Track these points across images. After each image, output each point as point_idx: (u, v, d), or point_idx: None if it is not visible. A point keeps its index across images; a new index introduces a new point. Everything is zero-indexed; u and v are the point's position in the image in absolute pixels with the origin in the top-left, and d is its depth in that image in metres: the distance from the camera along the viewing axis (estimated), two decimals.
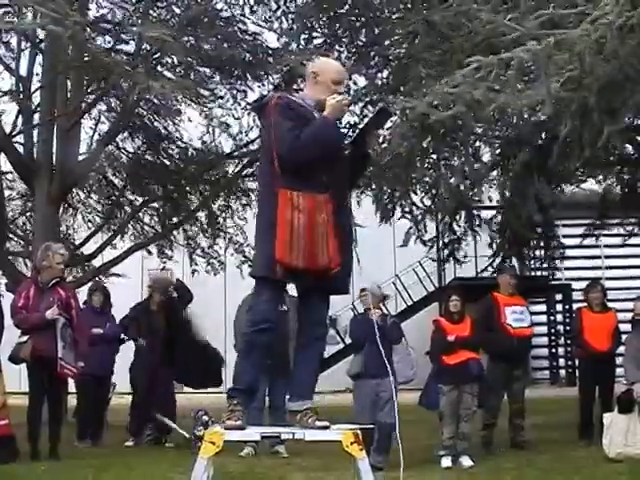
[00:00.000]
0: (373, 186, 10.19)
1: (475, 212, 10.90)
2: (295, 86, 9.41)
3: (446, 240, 11.37)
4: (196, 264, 14.74)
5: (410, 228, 10.29)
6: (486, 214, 11.44)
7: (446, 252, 11.90)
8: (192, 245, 14.65)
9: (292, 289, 3.98)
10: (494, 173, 9.80)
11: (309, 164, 3.60)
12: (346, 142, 3.85)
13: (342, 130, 3.75)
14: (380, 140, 3.95)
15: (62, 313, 7.41)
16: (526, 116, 7.28)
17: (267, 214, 3.65)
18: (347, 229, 3.82)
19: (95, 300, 9.22)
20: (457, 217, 11.20)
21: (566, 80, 5.71)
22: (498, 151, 9.36)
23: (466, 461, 7.17)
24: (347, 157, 3.81)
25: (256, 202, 10.19)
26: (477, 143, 8.58)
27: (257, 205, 3.86)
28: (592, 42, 5.39)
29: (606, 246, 14.06)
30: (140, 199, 14.15)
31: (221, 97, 12.28)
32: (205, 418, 8.25)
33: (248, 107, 11.95)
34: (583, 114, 6.26)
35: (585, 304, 8.84)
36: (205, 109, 11.58)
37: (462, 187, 8.79)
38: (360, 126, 3.84)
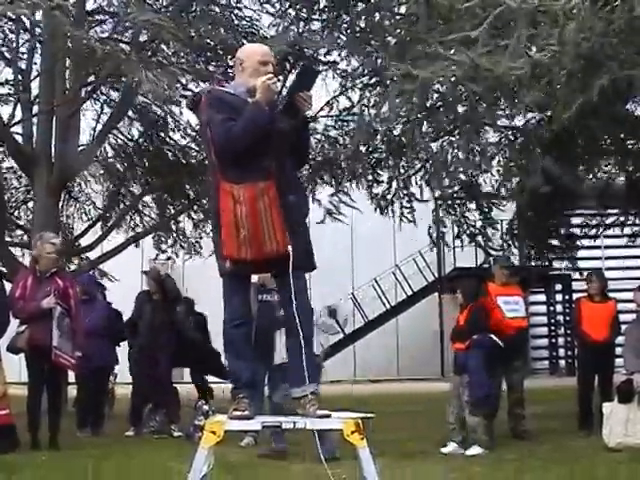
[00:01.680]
0: (369, 177, 10.13)
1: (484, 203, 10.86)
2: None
3: (468, 233, 11.29)
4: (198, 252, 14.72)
5: (430, 227, 10.22)
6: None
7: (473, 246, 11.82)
8: (185, 237, 14.64)
9: None
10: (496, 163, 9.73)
11: (248, 152, 3.56)
12: (277, 111, 3.68)
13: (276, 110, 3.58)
14: (310, 100, 3.76)
15: (59, 303, 7.40)
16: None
17: (214, 212, 3.67)
18: (297, 207, 3.71)
19: None
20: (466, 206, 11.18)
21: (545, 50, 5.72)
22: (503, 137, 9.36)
23: (471, 450, 7.15)
24: (286, 131, 3.68)
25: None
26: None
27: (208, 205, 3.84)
28: (571, 14, 5.40)
29: (606, 236, 14.01)
30: (140, 190, 14.14)
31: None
32: (205, 408, 8.27)
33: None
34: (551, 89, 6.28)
35: (585, 294, 8.86)
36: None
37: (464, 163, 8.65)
38: (285, 91, 3.67)
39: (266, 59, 3.77)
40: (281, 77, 9.19)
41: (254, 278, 5.87)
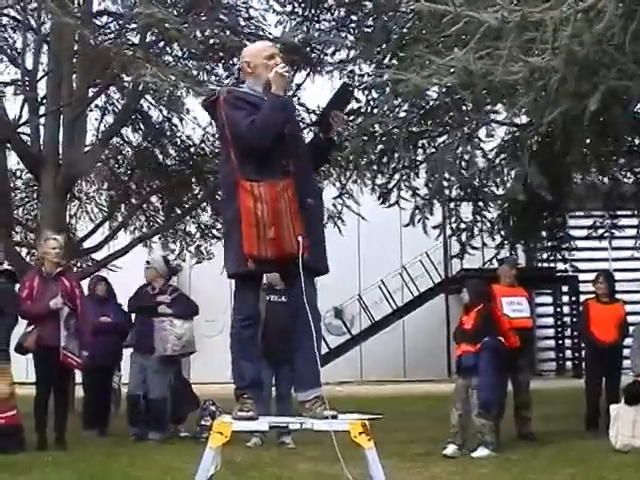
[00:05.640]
0: (374, 167, 10.03)
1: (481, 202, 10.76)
2: None
3: (454, 227, 11.18)
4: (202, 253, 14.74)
5: (417, 208, 10.12)
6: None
7: (454, 240, 11.65)
8: (188, 240, 14.68)
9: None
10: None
11: (269, 148, 3.59)
12: (313, 128, 3.83)
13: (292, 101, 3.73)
14: (345, 121, 3.85)
15: (66, 302, 7.43)
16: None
17: (231, 210, 3.66)
18: (313, 209, 3.74)
19: (99, 289, 9.21)
20: (459, 204, 11.09)
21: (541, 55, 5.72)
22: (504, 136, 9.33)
23: (477, 452, 7.10)
24: (310, 140, 3.81)
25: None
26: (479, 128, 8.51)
27: (221, 204, 3.87)
28: (564, 22, 5.38)
29: (614, 237, 13.94)
30: (145, 191, 14.17)
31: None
32: (212, 408, 8.27)
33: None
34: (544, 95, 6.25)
35: (593, 295, 8.83)
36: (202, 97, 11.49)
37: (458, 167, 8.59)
38: (322, 107, 3.76)
39: (271, 52, 3.81)
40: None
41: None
